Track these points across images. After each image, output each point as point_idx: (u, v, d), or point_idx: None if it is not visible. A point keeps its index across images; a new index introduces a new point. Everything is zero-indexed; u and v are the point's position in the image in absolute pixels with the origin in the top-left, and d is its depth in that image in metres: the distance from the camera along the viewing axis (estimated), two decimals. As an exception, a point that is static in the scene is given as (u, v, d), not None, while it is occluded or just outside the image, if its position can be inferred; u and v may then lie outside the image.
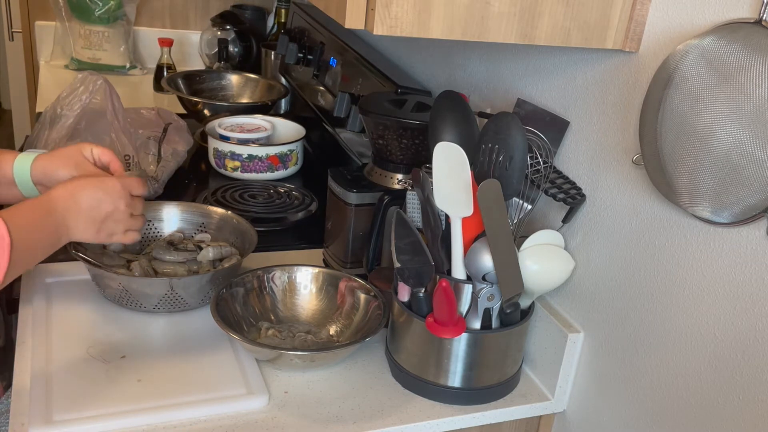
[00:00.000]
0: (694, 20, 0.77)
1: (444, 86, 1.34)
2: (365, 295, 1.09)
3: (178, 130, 1.63)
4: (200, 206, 1.28)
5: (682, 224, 0.81)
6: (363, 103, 1.21)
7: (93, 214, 0.94)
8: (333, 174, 1.21)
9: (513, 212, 0.97)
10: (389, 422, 0.94)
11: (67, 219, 0.92)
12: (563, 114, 0.99)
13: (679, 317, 0.82)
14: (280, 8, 2.22)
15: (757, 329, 0.73)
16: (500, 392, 1.01)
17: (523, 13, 0.77)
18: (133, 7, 2.33)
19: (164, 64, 2.22)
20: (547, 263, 0.95)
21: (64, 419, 0.87)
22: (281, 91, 2.01)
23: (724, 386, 0.77)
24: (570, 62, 0.97)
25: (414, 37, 0.75)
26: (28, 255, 0.86)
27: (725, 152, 0.71)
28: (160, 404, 0.91)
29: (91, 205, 0.94)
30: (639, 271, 0.88)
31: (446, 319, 0.91)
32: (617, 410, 0.93)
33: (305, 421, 0.92)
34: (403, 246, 0.95)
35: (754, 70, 0.68)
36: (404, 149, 1.17)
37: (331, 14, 0.78)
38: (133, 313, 1.10)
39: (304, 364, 1.00)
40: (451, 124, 0.98)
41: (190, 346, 1.04)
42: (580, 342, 0.99)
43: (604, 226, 0.93)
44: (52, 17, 2.30)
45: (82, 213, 0.93)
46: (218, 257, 1.18)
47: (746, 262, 0.73)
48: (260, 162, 1.61)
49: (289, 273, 1.13)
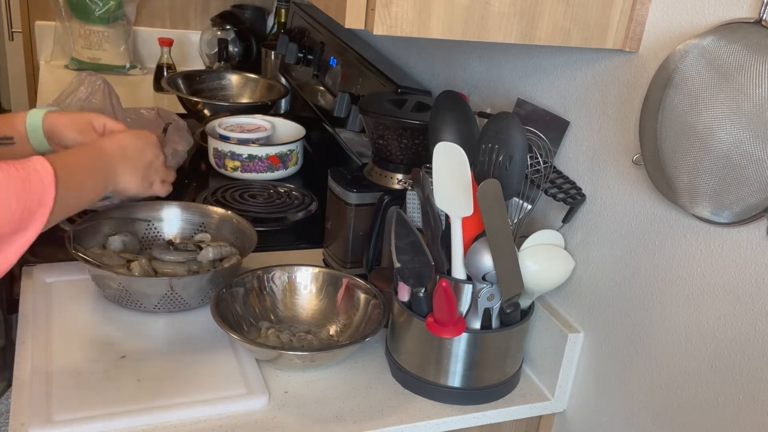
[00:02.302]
0: (694, 20, 0.77)
1: (444, 86, 1.34)
2: (365, 295, 1.09)
3: (178, 130, 1.63)
4: (200, 206, 1.28)
5: (682, 224, 0.81)
6: (363, 103, 1.21)
7: (138, 162, 1.01)
8: (333, 174, 1.21)
9: (513, 212, 0.97)
10: (389, 422, 0.94)
11: (115, 166, 0.97)
12: (563, 114, 0.99)
13: (679, 317, 0.82)
14: (280, 8, 2.22)
15: (757, 329, 0.73)
16: (500, 392, 1.01)
17: (523, 13, 0.77)
18: (133, 7, 2.33)
19: (164, 64, 2.22)
20: (547, 263, 0.95)
21: (64, 419, 0.87)
22: (281, 91, 2.01)
23: (724, 386, 0.77)
24: (570, 62, 0.97)
25: (414, 37, 0.75)
26: (74, 195, 0.88)
27: (725, 152, 0.71)
28: (160, 404, 0.91)
29: (137, 154, 1.01)
30: (639, 271, 0.88)
31: (446, 319, 0.91)
32: (617, 410, 0.93)
33: (305, 421, 0.92)
34: (403, 246, 0.95)
35: (753, 70, 0.68)
36: (404, 149, 1.17)
37: (331, 14, 0.78)
38: (133, 313, 1.10)
39: (304, 364, 1.00)
40: (451, 124, 0.98)
41: (190, 346, 1.04)
42: (580, 342, 0.99)
43: (604, 226, 0.93)
44: (52, 17, 2.30)
45: (128, 160, 0.99)
46: (218, 257, 1.18)
47: (746, 262, 0.73)
48: (260, 162, 1.61)
49: (289, 273, 1.13)
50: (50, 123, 1.04)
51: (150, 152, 1.03)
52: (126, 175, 0.99)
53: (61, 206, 0.83)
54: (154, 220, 1.25)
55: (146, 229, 1.24)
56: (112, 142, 1.00)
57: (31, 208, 0.79)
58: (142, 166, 1.02)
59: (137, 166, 1.01)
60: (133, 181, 1.01)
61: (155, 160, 1.05)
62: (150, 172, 1.04)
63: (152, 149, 1.04)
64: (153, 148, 1.04)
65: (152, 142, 1.05)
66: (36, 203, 0.79)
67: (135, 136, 1.03)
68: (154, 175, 1.05)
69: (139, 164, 1.01)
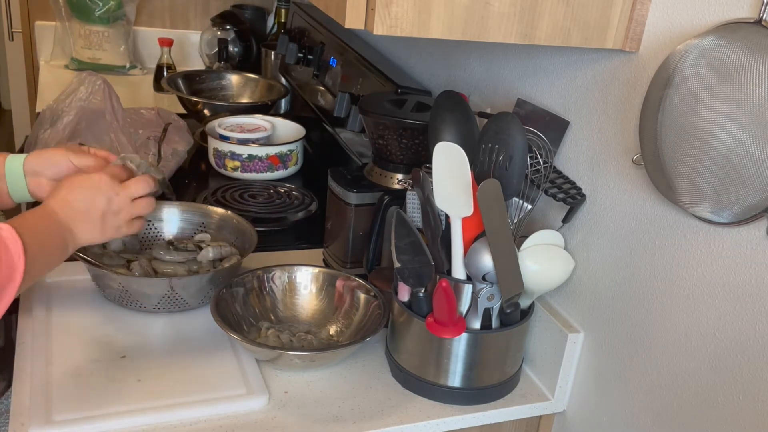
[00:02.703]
0: (694, 20, 0.77)
1: (444, 86, 1.34)
2: (365, 295, 1.09)
3: (178, 130, 1.63)
4: (200, 206, 1.28)
5: (682, 224, 0.81)
6: (363, 103, 1.21)
7: (90, 214, 0.93)
8: (333, 174, 1.21)
9: (513, 212, 0.97)
10: (389, 422, 0.94)
11: (71, 225, 0.91)
12: (563, 114, 0.99)
13: (679, 317, 0.82)
14: (280, 8, 2.22)
15: (757, 329, 0.73)
16: (500, 392, 1.01)
17: (523, 13, 0.77)
18: (133, 7, 2.33)
19: (164, 64, 2.22)
20: (547, 263, 0.95)
21: (64, 419, 0.87)
22: (281, 91, 2.01)
23: (724, 386, 0.77)
24: (570, 62, 0.97)
25: (414, 37, 0.75)
26: (42, 259, 0.85)
27: (725, 152, 0.71)
28: (160, 404, 0.91)
29: (86, 207, 0.92)
30: (639, 271, 0.88)
31: (446, 319, 0.91)
32: (617, 410, 0.93)
33: (305, 421, 0.92)
34: (403, 246, 0.95)
35: (753, 70, 0.68)
36: (404, 149, 1.17)
37: (331, 14, 0.78)
38: (133, 313, 1.10)
39: (304, 364, 1.00)
40: (451, 124, 0.98)
41: (190, 346, 1.04)
42: (580, 342, 0.99)
43: (604, 226, 0.93)
44: (52, 17, 2.30)
45: (80, 216, 0.92)
46: (218, 257, 1.18)
47: (746, 262, 0.73)
48: (260, 162, 1.61)
49: (289, 273, 1.13)
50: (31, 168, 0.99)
51: (100, 198, 0.93)
52: (84, 232, 0.92)
53: (31, 271, 0.82)
54: (154, 220, 1.25)
55: (146, 229, 1.24)
56: (56, 201, 0.91)
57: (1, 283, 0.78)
58: (97, 216, 0.93)
59: (91, 218, 0.93)
60: (93, 234, 0.94)
61: (110, 204, 0.94)
62: (108, 218, 0.94)
63: (102, 194, 0.93)
64: (103, 192, 0.94)
65: (101, 185, 0.94)
66: (5, 279, 0.79)
67: (79, 186, 0.93)
68: (114, 219, 0.95)
69: (92, 216, 0.93)
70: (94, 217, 0.93)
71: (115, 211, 0.95)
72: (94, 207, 0.93)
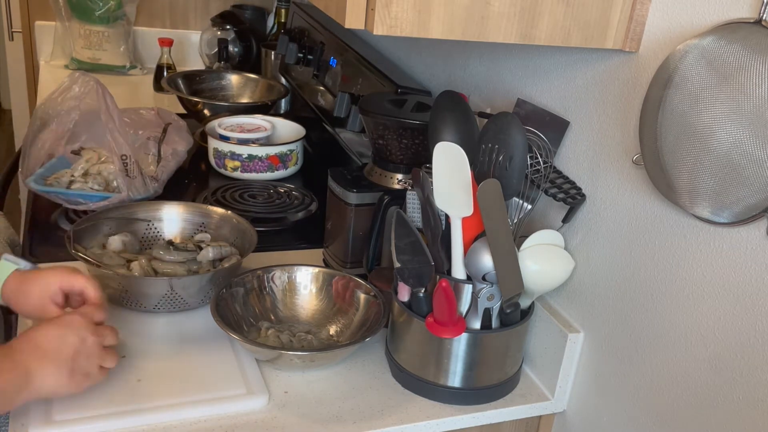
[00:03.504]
0: (694, 20, 0.77)
1: (444, 86, 1.34)
2: (365, 295, 1.09)
3: (178, 130, 1.63)
4: (200, 206, 1.28)
5: (682, 224, 0.81)
6: (363, 103, 1.21)
7: (59, 354, 0.82)
8: (333, 174, 1.21)
9: (513, 212, 0.97)
10: (389, 422, 0.94)
11: (29, 367, 0.79)
12: (563, 114, 0.99)
13: (679, 317, 0.82)
14: (280, 8, 2.22)
15: (757, 329, 0.73)
16: (500, 392, 1.01)
17: (523, 13, 0.77)
18: (133, 7, 2.33)
19: (164, 64, 2.22)
20: (547, 263, 0.95)
21: (64, 419, 0.87)
22: (281, 91, 2.01)
23: (724, 386, 0.77)
24: (570, 62, 0.97)
25: (414, 37, 0.75)
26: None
27: (725, 152, 0.71)
28: (160, 404, 0.91)
29: (56, 344, 0.82)
30: (639, 271, 0.88)
31: (446, 319, 0.91)
32: (617, 410, 0.93)
33: (305, 421, 0.92)
34: (403, 246, 0.95)
35: (753, 70, 0.68)
36: (404, 149, 1.17)
37: (331, 14, 0.78)
38: (133, 313, 1.10)
39: (304, 364, 1.00)
40: (451, 124, 0.98)
41: (190, 346, 1.04)
42: (580, 342, 0.99)
43: (604, 226, 0.93)
44: (52, 17, 2.30)
45: (47, 356, 0.81)
46: (218, 257, 1.18)
47: (746, 262, 0.73)
48: (260, 162, 1.61)
49: (289, 273, 1.13)
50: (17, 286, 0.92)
51: (72, 337, 0.83)
52: (47, 376, 0.80)
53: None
54: (154, 220, 1.25)
55: (146, 229, 1.25)
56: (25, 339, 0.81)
57: None
58: (67, 358, 0.82)
59: (59, 359, 0.81)
60: (59, 380, 0.82)
61: (83, 345, 0.84)
62: (80, 361, 0.83)
63: (75, 332, 0.83)
64: (76, 331, 0.83)
65: (74, 324, 0.84)
66: None
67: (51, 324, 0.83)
68: (86, 362, 0.84)
69: (61, 357, 0.81)
70: (63, 358, 0.82)
71: (89, 354, 0.85)
72: (65, 345, 0.82)
